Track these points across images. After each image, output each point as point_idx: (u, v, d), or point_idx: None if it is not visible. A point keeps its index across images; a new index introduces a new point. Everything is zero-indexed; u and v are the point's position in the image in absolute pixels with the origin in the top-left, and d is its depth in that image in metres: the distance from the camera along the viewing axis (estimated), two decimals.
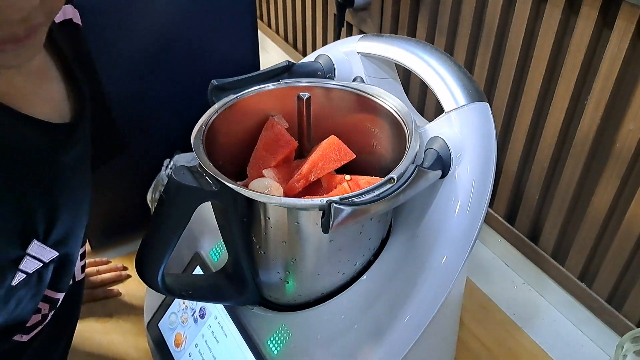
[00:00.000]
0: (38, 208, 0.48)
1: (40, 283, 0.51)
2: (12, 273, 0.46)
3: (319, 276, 0.53)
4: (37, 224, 0.48)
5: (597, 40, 0.67)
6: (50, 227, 0.49)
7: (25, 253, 0.47)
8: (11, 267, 0.46)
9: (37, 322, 0.55)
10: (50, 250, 0.50)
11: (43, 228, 0.48)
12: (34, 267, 0.48)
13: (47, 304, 0.55)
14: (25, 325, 0.53)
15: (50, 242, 0.49)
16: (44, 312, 0.55)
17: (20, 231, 0.46)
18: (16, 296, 0.48)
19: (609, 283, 0.75)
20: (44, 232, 0.49)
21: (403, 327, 0.51)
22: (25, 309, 0.51)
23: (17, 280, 0.47)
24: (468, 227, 0.51)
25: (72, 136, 0.51)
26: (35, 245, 0.48)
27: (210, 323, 0.63)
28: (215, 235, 0.66)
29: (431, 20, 0.91)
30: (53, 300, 0.56)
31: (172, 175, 0.46)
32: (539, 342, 0.78)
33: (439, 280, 0.52)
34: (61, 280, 0.55)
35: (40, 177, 0.48)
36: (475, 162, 0.51)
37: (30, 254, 0.47)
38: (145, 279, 0.50)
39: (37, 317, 0.54)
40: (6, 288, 0.46)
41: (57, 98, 0.53)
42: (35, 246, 0.48)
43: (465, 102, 0.52)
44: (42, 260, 0.49)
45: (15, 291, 0.48)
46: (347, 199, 0.43)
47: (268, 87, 0.58)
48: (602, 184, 0.71)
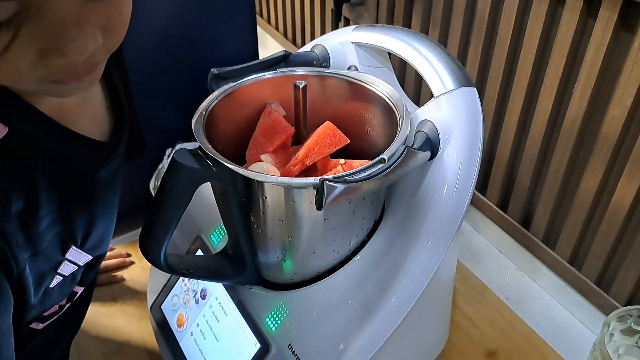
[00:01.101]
0: (78, 217, 0.50)
1: (73, 282, 0.54)
2: (51, 277, 0.49)
3: (314, 255, 0.56)
4: (76, 232, 0.50)
5: (583, 30, 0.69)
6: (87, 234, 0.52)
7: (65, 258, 0.50)
8: (51, 271, 0.49)
9: (54, 312, 0.57)
10: (85, 255, 0.53)
11: (81, 235, 0.51)
12: (71, 271, 0.52)
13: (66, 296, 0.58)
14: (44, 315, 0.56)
15: (86, 247, 0.53)
16: (61, 303, 0.58)
17: (61, 239, 0.49)
18: (51, 295, 0.51)
19: (597, 266, 0.77)
20: (82, 239, 0.52)
21: (391, 305, 0.54)
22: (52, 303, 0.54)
23: (55, 282, 0.50)
24: (455, 208, 0.54)
25: (113, 153, 0.53)
26: (73, 251, 0.51)
27: (211, 303, 0.66)
28: (216, 220, 0.68)
29: (425, 13, 0.93)
30: (74, 293, 0.59)
31: (175, 157, 0.48)
32: (531, 324, 0.80)
33: (426, 260, 0.54)
34: (86, 277, 0.58)
35: (82, 189, 0.51)
36: (463, 144, 0.53)
37: (68, 258, 0.51)
38: (148, 257, 0.52)
39: (55, 307, 0.57)
40: (44, 290, 0.49)
41: (99, 114, 0.54)
42: (73, 252, 0.51)
43: (453, 87, 0.54)
44: (78, 264, 0.52)
45: (51, 292, 0.51)
46: (340, 177, 0.46)
47: (266, 76, 0.60)
48: (589, 169, 0.73)
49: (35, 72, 0.37)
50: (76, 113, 0.50)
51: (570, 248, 0.81)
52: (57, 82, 0.39)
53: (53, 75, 0.38)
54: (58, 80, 0.39)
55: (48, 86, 0.40)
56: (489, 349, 0.76)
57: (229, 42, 0.86)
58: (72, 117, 0.49)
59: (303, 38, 1.39)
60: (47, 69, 0.37)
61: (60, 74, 0.38)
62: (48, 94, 0.43)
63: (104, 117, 0.55)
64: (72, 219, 0.50)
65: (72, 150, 0.49)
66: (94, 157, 0.51)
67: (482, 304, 0.83)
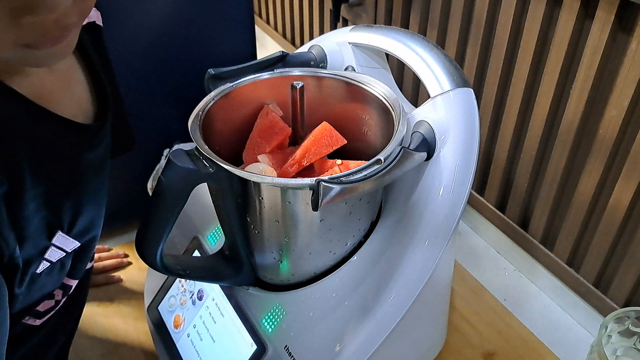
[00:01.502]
0: (64, 202, 0.50)
1: (62, 271, 0.54)
2: (37, 262, 0.49)
3: (310, 255, 0.56)
4: (62, 217, 0.50)
5: (580, 32, 0.69)
6: (74, 219, 0.52)
7: (51, 244, 0.50)
8: (37, 256, 0.49)
9: (50, 307, 0.57)
10: (73, 241, 0.53)
11: (68, 221, 0.51)
12: (58, 257, 0.51)
13: (61, 290, 0.58)
14: (38, 309, 0.56)
15: (73, 233, 0.52)
16: (57, 298, 0.58)
17: (47, 223, 0.49)
18: (38, 283, 0.51)
19: (595, 267, 0.77)
20: (69, 224, 0.51)
21: (388, 306, 0.54)
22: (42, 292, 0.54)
23: (42, 268, 0.50)
24: (451, 209, 0.54)
25: (97, 136, 0.53)
26: (59, 237, 0.50)
27: (207, 304, 0.66)
28: (213, 221, 0.68)
29: (423, 14, 0.93)
30: (67, 287, 0.59)
31: (171, 157, 0.48)
32: (529, 326, 0.80)
33: (423, 261, 0.54)
34: (77, 268, 0.58)
35: (68, 173, 0.51)
36: (459, 145, 0.53)
37: (55, 244, 0.50)
38: (145, 258, 0.52)
39: (51, 302, 0.57)
40: (30, 275, 0.49)
41: (82, 98, 0.55)
42: (60, 237, 0.51)
43: (450, 88, 0.54)
44: (65, 250, 0.52)
45: (38, 278, 0.51)
46: (336, 178, 0.46)
47: (263, 77, 0.60)
48: (587, 170, 0.73)
49: (8, 34, 0.37)
50: (58, 96, 0.50)
51: (568, 249, 0.80)
52: (30, 46, 0.39)
53: (25, 36, 0.38)
54: (31, 44, 0.39)
55: (21, 53, 0.40)
56: (487, 351, 0.76)
57: (227, 42, 0.86)
58: (53, 100, 0.49)
59: (302, 38, 1.39)
60: (19, 29, 0.37)
61: (33, 34, 0.38)
62: (23, 62, 0.43)
63: (87, 100, 0.55)
64: (58, 203, 0.49)
65: (54, 133, 0.49)
66: (78, 140, 0.51)
67: (480, 305, 0.83)
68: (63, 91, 0.51)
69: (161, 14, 0.78)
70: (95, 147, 0.53)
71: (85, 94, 0.55)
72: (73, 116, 0.51)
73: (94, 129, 0.53)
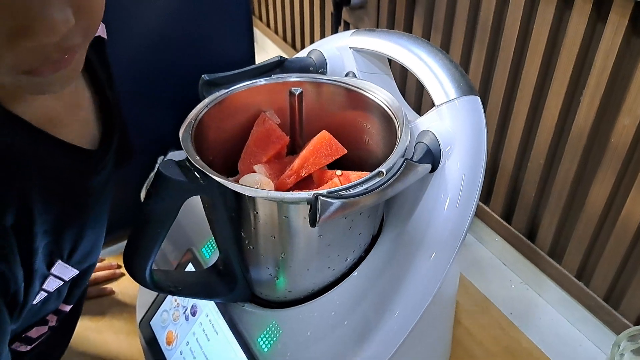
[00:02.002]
0: (65, 230, 0.48)
1: (58, 299, 0.51)
2: (35, 293, 0.47)
3: (308, 272, 0.53)
4: (63, 245, 0.48)
5: (591, 35, 0.66)
6: (75, 247, 0.50)
7: (50, 273, 0.47)
8: (37, 288, 0.46)
9: (42, 333, 0.55)
10: (72, 269, 0.50)
11: (68, 249, 0.49)
12: (56, 286, 0.49)
13: (55, 316, 0.55)
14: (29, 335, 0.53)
15: (72, 261, 0.50)
16: (51, 324, 0.55)
17: (49, 252, 0.46)
18: (32, 311, 0.48)
19: (606, 281, 0.74)
20: (69, 252, 0.49)
21: (392, 323, 0.51)
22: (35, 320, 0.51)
23: (39, 299, 0.48)
24: (458, 222, 0.51)
25: (102, 161, 0.51)
26: (59, 265, 0.48)
27: (201, 320, 0.63)
28: (208, 232, 0.65)
29: (427, 17, 0.91)
30: (62, 312, 0.56)
31: (160, 169, 0.46)
32: (536, 341, 0.77)
33: (429, 276, 0.51)
34: (73, 294, 0.56)
35: (73, 200, 0.49)
36: (465, 156, 0.50)
37: (53, 273, 0.48)
38: (133, 274, 0.49)
39: (44, 328, 0.54)
40: (27, 308, 0.46)
41: (89, 121, 0.52)
42: (59, 266, 0.48)
43: (456, 96, 0.51)
44: (63, 279, 0.50)
45: (34, 309, 0.48)
46: (335, 192, 0.43)
47: (259, 83, 0.58)
48: (598, 181, 0.70)
49: (6, 60, 0.34)
50: (64, 121, 0.48)
51: (577, 262, 0.78)
52: (32, 72, 0.36)
53: (25, 62, 0.35)
54: (32, 70, 0.36)
55: (23, 80, 0.37)
56: None
57: (225, 46, 0.84)
58: (59, 125, 0.47)
59: (302, 42, 1.37)
60: (18, 54, 0.34)
61: (33, 60, 0.36)
62: (26, 90, 0.41)
63: (93, 123, 0.52)
64: (61, 231, 0.47)
65: (61, 160, 0.47)
66: (83, 166, 0.49)
67: (485, 319, 0.80)
68: (70, 115, 0.49)
69: (156, 16, 0.76)
70: (100, 172, 0.51)
71: (92, 116, 0.52)
72: (79, 141, 0.49)
73: (99, 153, 0.51)
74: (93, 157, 0.50)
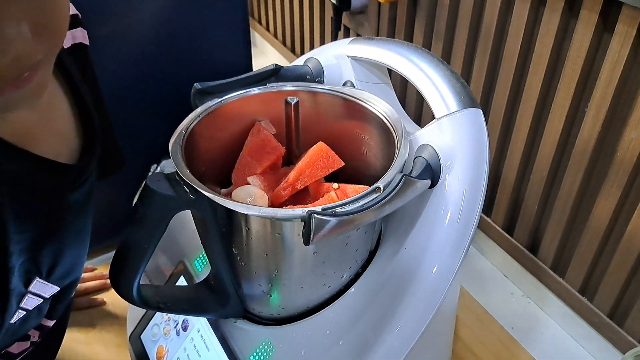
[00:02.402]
0: (43, 247, 0.46)
1: (38, 316, 0.49)
2: (12, 312, 0.44)
3: (303, 289, 0.51)
4: (41, 262, 0.46)
5: (597, 46, 0.64)
6: (54, 264, 0.48)
7: (27, 291, 0.45)
8: (14, 307, 0.44)
9: (24, 349, 0.53)
10: (52, 287, 0.48)
11: (47, 266, 0.47)
12: (35, 304, 0.47)
13: (38, 331, 0.53)
14: (10, 351, 0.51)
15: (52, 279, 0.48)
16: (33, 339, 0.53)
17: (25, 270, 0.44)
18: (11, 330, 0.46)
19: (610, 297, 0.72)
20: (48, 269, 0.47)
21: (392, 341, 0.49)
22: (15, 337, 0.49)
23: (17, 318, 0.45)
24: (459, 238, 0.49)
25: (83, 175, 0.49)
26: (37, 283, 0.46)
27: (192, 336, 0.61)
28: (200, 245, 0.63)
29: (428, 24, 0.89)
30: (44, 327, 0.54)
31: (147, 183, 0.44)
32: (538, 357, 0.75)
33: (429, 292, 0.49)
34: (56, 309, 0.54)
35: (48, 216, 0.46)
36: (467, 171, 0.48)
37: (32, 291, 0.46)
38: (119, 290, 0.47)
39: (25, 344, 0.53)
40: (5, 328, 0.44)
41: (67, 133, 0.50)
42: (38, 283, 0.46)
43: (457, 108, 0.50)
44: (43, 296, 0.48)
45: (12, 328, 0.46)
46: (330, 209, 0.41)
47: (254, 91, 0.56)
48: (603, 195, 0.68)
49: None
50: (39, 134, 0.46)
51: (581, 277, 0.75)
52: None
53: None
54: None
55: None
56: None
57: (221, 52, 0.82)
58: (34, 138, 0.45)
59: (302, 46, 1.35)
60: None
61: None
62: None
63: (72, 134, 0.50)
64: (38, 249, 0.45)
65: (35, 176, 0.44)
66: (61, 181, 0.47)
67: (485, 334, 0.78)
68: (44, 128, 0.46)
69: (151, 21, 0.74)
70: (79, 187, 0.49)
71: (70, 128, 0.50)
72: (56, 154, 0.46)
73: (79, 168, 0.49)
74: (72, 171, 0.48)
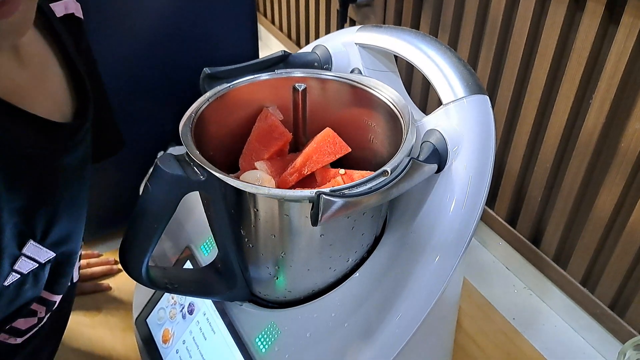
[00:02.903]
0: (37, 209, 0.46)
1: (35, 284, 0.49)
2: (5, 273, 0.45)
3: (309, 272, 0.52)
4: (35, 225, 0.46)
5: (603, 37, 0.65)
6: (48, 228, 0.48)
7: (21, 253, 0.45)
8: (6, 267, 0.44)
9: (32, 325, 0.53)
10: (47, 251, 0.48)
11: (41, 229, 0.47)
12: (29, 268, 0.47)
13: (43, 306, 0.54)
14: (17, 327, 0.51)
15: (47, 243, 0.48)
16: (40, 315, 0.53)
17: (18, 231, 0.44)
18: (5, 296, 0.47)
19: (612, 288, 0.73)
20: (42, 233, 0.47)
21: (394, 327, 0.49)
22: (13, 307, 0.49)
23: (10, 280, 0.46)
24: (463, 225, 0.49)
25: (75, 137, 0.49)
26: (31, 246, 0.46)
27: (198, 319, 0.61)
28: (206, 230, 0.63)
29: (434, 15, 0.89)
30: (49, 302, 0.54)
31: (158, 163, 0.44)
32: (539, 348, 0.76)
33: (432, 279, 0.50)
34: (58, 282, 0.54)
35: (40, 177, 0.47)
36: (473, 157, 0.49)
37: (25, 254, 0.46)
38: (128, 270, 0.48)
39: (33, 320, 0.53)
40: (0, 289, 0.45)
41: (59, 95, 0.50)
42: (32, 247, 0.46)
43: (464, 95, 0.50)
44: (38, 260, 0.48)
45: (5, 291, 0.46)
46: (338, 191, 0.42)
47: (262, 77, 0.56)
48: (606, 186, 0.69)
49: None
50: (31, 93, 0.46)
51: (582, 268, 0.76)
52: None
53: None
54: None
55: None
56: None
57: (228, 40, 0.83)
58: (25, 96, 0.45)
59: (307, 39, 1.35)
60: None
61: None
62: None
63: (65, 97, 0.50)
64: (32, 210, 0.45)
65: (27, 133, 0.44)
66: (53, 140, 0.47)
67: (487, 325, 0.78)
68: (36, 87, 0.47)
69: (158, 9, 0.75)
70: (73, 149, 0.49)
71: (62, 91, 0.50)
72: (48, 115, 0.46)
73: (71, 128, 0.49)
74: (63, 131, 0.48)
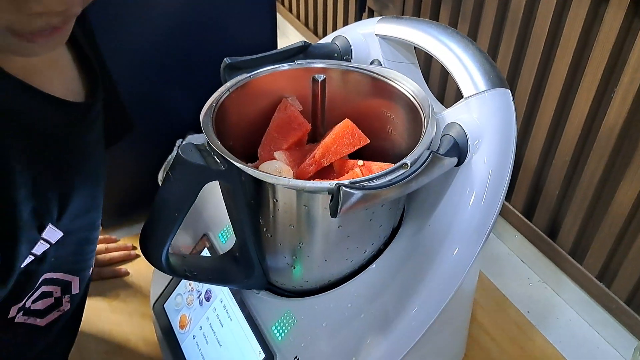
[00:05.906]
0: (52, 189, 0.47)
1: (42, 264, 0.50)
2: (23, 257, 0.46)
3: (326, 262, 0.52)
4: (51, 206, 0.47)
5: (627, 30, 0.64)
6: (63, 209, 0.48)
7: (40, 237, 0.46)
8: (26, 250, 0.45)
9: (50, 305, 0.54)
10: (58, 232, 0.49)
11: (56, 210, 0.48)
12: (43, 249, 0.48)
13: (57, 286, 0.54)
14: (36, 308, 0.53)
15: (62, 223, 0.49)
16: (56, 295, 0.54)
17: (38, 215, 0.45)
18: None
19: (629, 284, 0.72)
20: (58, 212, 0.48)
21: (410, 319, 0.50)
22: None
23: (26, 263, 0.47)
24: (482, 220, 0.49)
25: (87, 116, 0.50)
26: (49, 229, 0.47)
27: (215, 306, 0.62)
28: (224, 218, 0.64)
29: (455, 5, 0.88)
30: (64, 282, 0.55)
31: (179, 153, 0.45)
32: (553, 342, 0.76)
33: (449, 272, 0.50)
34: (75, 261, 0.55)
35: (55, 157, 0.48)
36: (493, 151, 0.48)
37: (44, 237, 0.47)
38: (149, 257, 0.49)
39: (50, 300, 0.54)
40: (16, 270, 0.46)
41: (71, 77, 0.51)
42: (50, 230, 0.47)
43: (485, 88, 0.50)
44: (50, 242, 0.49)
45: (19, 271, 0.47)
46: (358, 183, 0.42)
47: (282, 68, 0.56)
48: (626, 181, 0.68)
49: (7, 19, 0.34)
50: (46, 74, 0.47)
51: (599, 263, 0.76)
52: (25, 37, 0.36)
53: (25, 26, 0.35)
54: (27, 34, 0.36)
55: (12, 42, 0.36)
56: None
57: (247, 30, 0.83)
58: (41, 78, 0.46)
59: (325, 28, 1.35)
60: (22, 17, 0.34)
61: (34, 25, 0.35)
62: (9, 51, 0.40)
63: (75, 80, 0.52)
64: (45, 190, 0.46)
65: (43, 112, 0.45)
66: (66, 119, 0.48)
67: (502, 318, 0.79)
68: (51, 69, 0.48)
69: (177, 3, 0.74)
70: (86, 128, 0.50)
71: (73, 73, 0.52)
72: (63, 94, 0.48)
73: (84, 107, 0.50)
74: (77, 109, 0.49)
